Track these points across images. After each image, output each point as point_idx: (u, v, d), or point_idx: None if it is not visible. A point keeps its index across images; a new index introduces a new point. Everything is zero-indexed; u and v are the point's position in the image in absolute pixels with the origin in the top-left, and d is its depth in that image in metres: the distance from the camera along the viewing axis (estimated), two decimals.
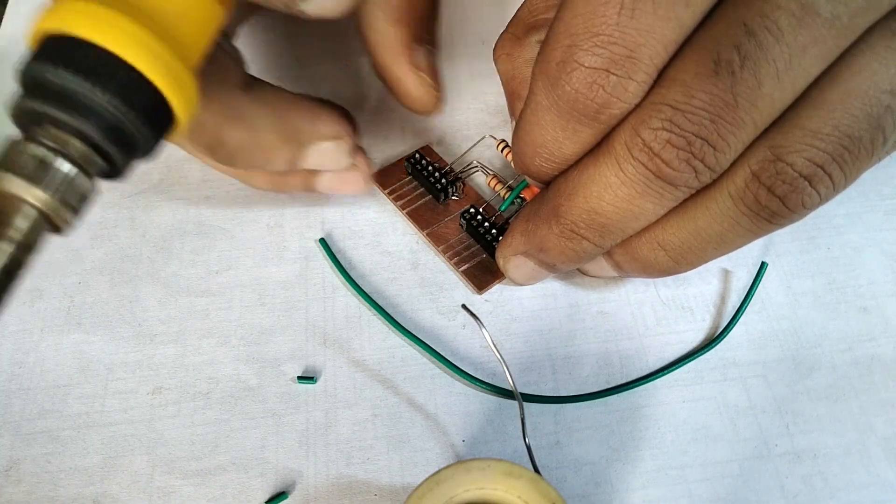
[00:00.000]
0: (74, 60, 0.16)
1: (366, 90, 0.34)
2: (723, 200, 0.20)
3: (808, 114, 0.19)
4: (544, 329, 0.28)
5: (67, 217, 0.17)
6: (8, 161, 0.16)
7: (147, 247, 0.30)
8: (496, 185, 0.29)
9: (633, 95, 0.19)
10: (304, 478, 0.25)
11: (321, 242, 0.29)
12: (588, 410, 0.26)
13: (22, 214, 0.16)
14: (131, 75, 0.17)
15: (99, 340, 0.27)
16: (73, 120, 0.16)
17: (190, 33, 0.19)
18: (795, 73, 0.18)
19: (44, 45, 0.17)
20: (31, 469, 0.25)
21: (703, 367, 0.27)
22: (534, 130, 0.22)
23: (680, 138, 0.19)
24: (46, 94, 0.16)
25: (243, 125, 0.24)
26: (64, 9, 0.17)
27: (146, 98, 0.17)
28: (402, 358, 0.27)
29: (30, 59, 0.17)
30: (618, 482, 0.24)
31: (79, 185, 0.17)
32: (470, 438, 0.25)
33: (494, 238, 0.28)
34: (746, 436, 0.25)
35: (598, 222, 0.22)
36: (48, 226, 0.17)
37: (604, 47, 0.18)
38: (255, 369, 0.27)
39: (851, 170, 0.19)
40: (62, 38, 0.17)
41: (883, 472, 0.25)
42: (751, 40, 0.18)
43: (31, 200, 0.16)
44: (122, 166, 0.18)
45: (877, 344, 0.27)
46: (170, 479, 0.25)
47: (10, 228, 0.16)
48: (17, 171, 0.16)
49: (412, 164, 0.30)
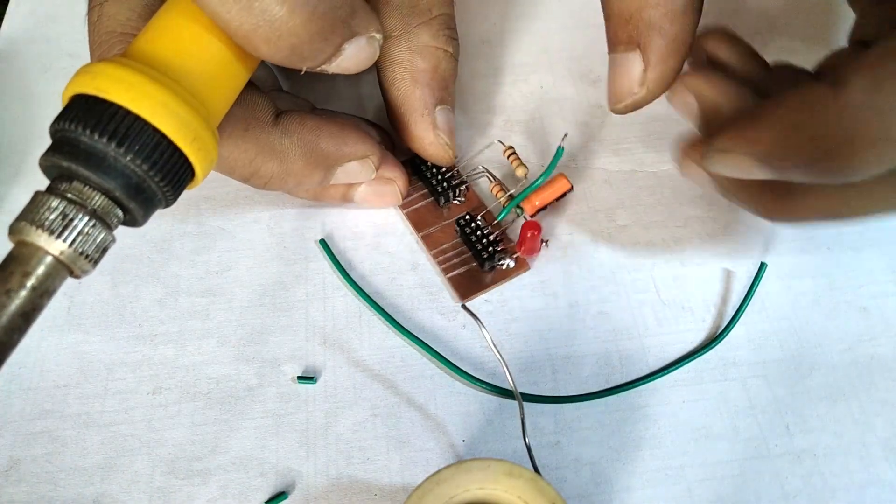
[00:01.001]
0: (105, 123, 0.17)
1: (370, 88, 0.34)
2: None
3: None
4: (544, 329, 0.28)
5: (86, 267, 0.17)
6: (33, 213, 0.17)
7: (147, 247, 0.30)
8: (498, 193, 0.29)
9: None
10: (304, 478, 0.25)
11: (321, 243, 0.29)
12: (588, 410, 0.26)
13: (44, 264, 0.17)
14: (158, 140, 0.18)
15: (99, 340, 0.27)
16: (99, 178, 0.17)
17: (215, 94, 0.20)
18: None
19: (76, 104, 0.18)
20: (31, 469, 0.25)
21: (703, 367, 0.27)
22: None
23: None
24: (76, 153, 0.17)
25: (275, 158, 0.25)
26: (98, 72, 0.18)
27: (170, 161, 0.18)
28: (402, 358, 0.27)
29: (62, 116, 0.18)
30: (618, 482, 0.24)
31: (99, 238, 0.18)
32: (470, 438, 0.25)
33: (484, 248, 0.28)
34: (746, 436, 0.25)
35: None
36: (67, 273, 0.17)
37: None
38: (255, 369, 0.27)
39: None
40: (95, 100, 0.18)
41: (883, 472, 0.25)
42: None
43: (52, 252, 0.17)
44: (142, 219, 0.19)
45: (877, 344, 0.27)
46: (170, 479, 0.25)
47: (31, 277, 0.17)
48: (41, 224, 0.17)
49: (416, 165, 0.30)
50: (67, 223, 0.17)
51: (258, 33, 0.19)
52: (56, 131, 0.18)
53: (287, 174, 0.26)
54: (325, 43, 0.21)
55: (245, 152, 0.24)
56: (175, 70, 0.19)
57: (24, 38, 0.36)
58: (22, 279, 0.16)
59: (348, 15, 0.21)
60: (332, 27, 0.20)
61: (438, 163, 0.29)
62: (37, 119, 0.33)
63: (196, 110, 0.19)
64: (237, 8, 0.19)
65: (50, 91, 0.34)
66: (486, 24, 0.36)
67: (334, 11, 0.20)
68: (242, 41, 0.20)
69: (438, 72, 0.27)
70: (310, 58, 0.21)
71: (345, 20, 0.21)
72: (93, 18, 0.23)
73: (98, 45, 0.23)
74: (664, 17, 0.22)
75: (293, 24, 0.19)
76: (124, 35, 0.23)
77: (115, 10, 0.23)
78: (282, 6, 0.19)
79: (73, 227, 0.17)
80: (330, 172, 0.27)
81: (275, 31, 0.19)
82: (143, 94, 0.18)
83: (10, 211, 0.30)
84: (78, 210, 0.17)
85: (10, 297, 0.16)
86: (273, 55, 0.20)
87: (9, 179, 0.31)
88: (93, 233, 0.17)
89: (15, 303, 0.16)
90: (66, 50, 0.36)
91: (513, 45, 0.36)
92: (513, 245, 0.29)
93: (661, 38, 0.22)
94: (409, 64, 0.27)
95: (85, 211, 0.17)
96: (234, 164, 0.25)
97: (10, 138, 0.32)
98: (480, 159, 0.31)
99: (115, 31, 0.23)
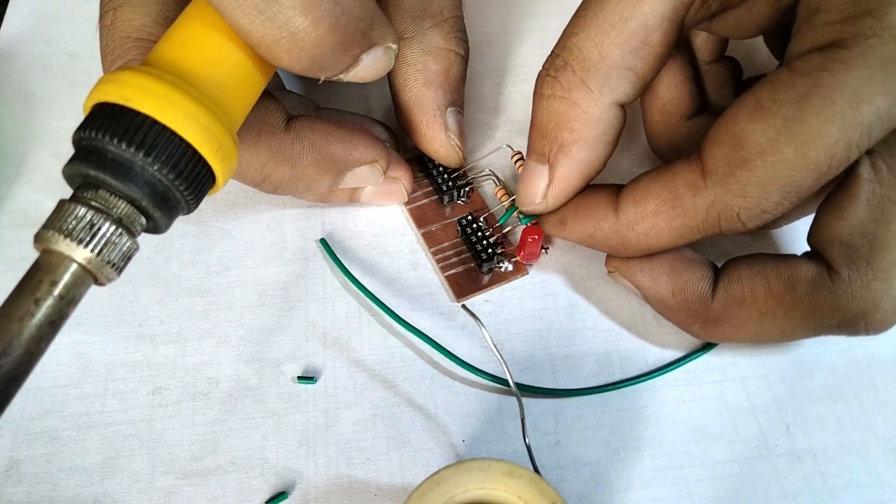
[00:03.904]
0: (133, 133, 0.17)
1: (376, 88, 0.34)
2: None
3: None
4: (544, 329, 0.28)
5: (111, 275, 0.18)
6: (59, 221, 0.17)
7: (147, 247, 0.30)
8: (502, 196, 0.29)
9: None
10: (304, 478, 0.25)
11: (322, 243, 0.29)
12: (588, 410, 0.26)
13: (70, 272, 0.17)
14: (184, 150, 0.18)
15: (99, 340, 0.27)
16: (125, 188, 0.18)
17: (236, 103, 0.20)
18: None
19: (101, 113, 0.18)
20: (31, 469, 0.25)
21: (703, 367, 0.27)
22: (658, 235, 0.23)
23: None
24: (102, 162, 0.17)
25: (286, 163, 0.25)
26: (124, 81, 0.18)
27: (195, 170, 0.19)
28: (402, 358, 0.27)
29: (87, 125, 0.18)
30: (618, 482, 0.24)
31: (123, 245, 0.18)
32: (470, 438, 0.25)
33: (484, 249, 0.28)
34: (746, 436, 0.25)
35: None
36: (92, 281, 0.17)
37: (789, 200, 0.20)
38: (255, 369, 0.27)
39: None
40: (121, 109, 0.18)
41: (883, 472, 0.25)
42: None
43: (78, 259, 0.17)
44: (165, 226, 0.19)
45: (877, 344, 0.27)
46: (170, 479, 0.25)
47: (58, 286, 0.17)
48: (67, 232, 0.17)
49: (423, 163, 0.30)
50: (94, 232, 0.17)
51: (280, 44, 0.19)
52: (81, 140, 0.18)
53: (298, 179, 0.26)
54: (345, 54, 0.21)
55: (257, 158, 0.24)
56: (197, 79, 0.19)
57: (24, 38, 0.36)
58: (50, 287, 0.16)
59: (367, 26, 0.21)
60: (353, 38, 0.21)
61: (448, 164, 0.29)
62: (37, 119, 0.33)
63: (220, 119, 0.19)
64: (260, 19, 0.19)
65: (50, 91, 0.34)
66: (486, 25, 0.36)
67: (355, 23, 0.20)
68: (264, 51, 0.20)
69: (450, 74, 0.27)
70: (329, 68, 0.21)
71: (364, 31, 0.21)
72: (106, 23, 0.23)
73: (112, 51, 0.23)
74: (574, 143, 0.24)
75: (315, 35, 0.19)
76: (139, 41, 0.23)
77: (129, 16, 0.23)
78: (304, 18, 0.19)
79: (99, 235, 0.17)
80: (340, 177, 0.27)
81: (297, 43, 0.19)
82: (170, 103, 0.18)
83: (10, 211, 0.30)
84: (104, 218, 0.17)
85: (38, 305, 0.16)
86: (293, 65, 0.20)
87: (9, 179, 0.31)
88: (118, 241, 0.17)
89: (43, 311, 0.16)
90: (67, 50, 0.36)
91: (513, 46, 0.36)
92: (513, 249, 0.29)
93: (569, 161, 0.24)
94: (421, 66, 0.27)
95: (110, 219, 0.17)
96: (245, 169, 0.25)
97: (10, 138, 0.32)
98: (488, 162, 0.31)
99: (129, 36, 0.23)
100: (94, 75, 0.21)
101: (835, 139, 0.19)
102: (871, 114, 0.19)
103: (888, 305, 0.21)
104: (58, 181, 0.19)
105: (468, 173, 0.30)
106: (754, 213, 0.21)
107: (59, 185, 0.19)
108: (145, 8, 0.23)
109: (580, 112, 0.23)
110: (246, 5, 0.19)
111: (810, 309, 0.22)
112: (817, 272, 0.22)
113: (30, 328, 0.16)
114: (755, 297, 0.23)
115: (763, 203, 0.20)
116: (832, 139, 0.19)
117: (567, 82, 0.23)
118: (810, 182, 0.20)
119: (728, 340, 0.24)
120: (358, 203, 0.30)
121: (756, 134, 0.20)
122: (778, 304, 0.22)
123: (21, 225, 0.30)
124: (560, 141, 0.24)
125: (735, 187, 0.20)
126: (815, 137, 0.19)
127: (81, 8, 0.37)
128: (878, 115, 0.19)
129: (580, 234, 0.25)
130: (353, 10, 0.20)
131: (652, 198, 0.22)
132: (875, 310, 0.21)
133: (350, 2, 0.20)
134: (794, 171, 0.19)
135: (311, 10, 0.19)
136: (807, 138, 0.19)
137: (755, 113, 0.20)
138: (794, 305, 0.22)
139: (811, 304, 0.22)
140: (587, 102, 0.23)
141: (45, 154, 0.32)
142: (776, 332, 0.23)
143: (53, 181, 0.31)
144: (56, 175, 0.31)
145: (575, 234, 0.25)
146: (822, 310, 0.22)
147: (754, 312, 0.23)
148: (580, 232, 0.25)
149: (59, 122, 0.33)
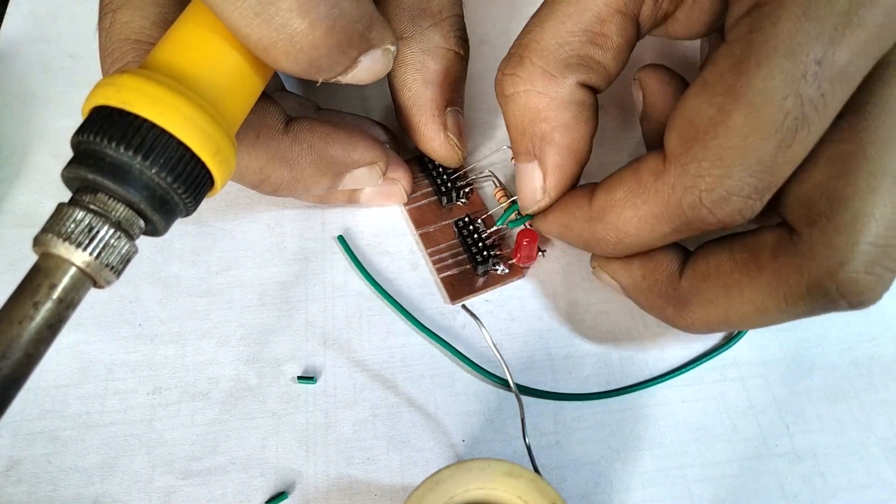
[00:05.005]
0: (131, 137, 0.17)
1: (376, 88, 0.34)
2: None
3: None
4: (544, 329, 0.28)
5: (110, 278, 0.18)
6: (58, 224, 0.17)
7: (147, 247, 0.30)
8: (501, 198, 0.29)
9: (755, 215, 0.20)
10: (304, 478, 0.25)
11: (339, 239, 0.29)
12: (588, 410, 0.26)
13: (68, 276, 0.17)
14: (182, 153, 0.18)
15: (99, 340, 0.27)
16: (124, 191, 0.18)
17: (234, 105, 0.20)
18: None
19: (99, 116, 0.18)
20: (31, 469, 0.25)
21: (703, 367, 0.27)
22: (626, 226, 0.22)
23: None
24: (101, 166, 0.17)
25: (285, 165, 0.25)
26: (123, 84, 0.18)
27: (193, 173, 0.19)
28: (401, 358, 0.27)
29: (85, 128, 0.18)
30: (618, 482, 0.24)
31: (122, 248, 0.18)
32: (470, 438, 0.25)
33: (479, 251, 0.28)
34: (746, 436, 0.25)
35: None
36: (91, 284, 0.17)
37: (756, 177, 0.19)
38: (255, 369, 0.27)
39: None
40: (119, 112, 0.18)
41: (883, 472, 0.25)
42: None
43: (77, 263, 0.17)
44: (163, 229, 0.19)
45: (877, 344, 0.27)
46: (170, 479, 0.25)
47: (57, 289, 0.17)
48: (65, 235, 0.17)
49: (423, 163, 0.30)
50: (93, 235, 0.17)
51: (278, 47, 0.19)
52: (79, 143, 0.18)
53: (297, 181, 0.26)
54: (343, 56, 0.21)
55: (256, 160, 0.24)
56: (196, 81, 0.19)
57: (24, 38, 0.36)
58: (49, 291, 0.17)
59: (366, 28, 0.21)
60: (350, 40, 0.21)
61: (447, 164, 0.29)
62: (37, 119, 0.33)
63: (218, 123, 0.19)
64: (257, 21, 0.19)
65: (50, 91, 0.34)
66: (486, 25, 0.36)
67: (353, 25, 0.20)
68: (262, 54, 0.20)
69: (449, 73, 0.27)
70: (327, 70, 0.21)
71: (362, 33, 0.21)
72: (105, 25, 0.23)
73: (110, 53, 0.23)
74: (554, 131, 0.24)
75: (313, 37, 0.19)
76: (138, 43, 0.23)
77: (128, 18, 0.23)
78: (302, 20, 0.19)
79: (97, 238, 0.17)
80: (339, 179, 0.27)
81: (294, 45, 0.19)
82: (168, 107, 0.18)
83: (10, 211, 0.30)
84: (102, 222, 0.17)
85: (37, 308, 0.16)
86: (291, 67, 0.20)
87: (9, 179, 0.31)
88: (117, 244, 0.17)
89: (42, 314, 0.16)
90: (67, 50, 0.35)
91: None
92: (510, 251, 0.29)
93: (555, 148, 0.24)
94: (420, 65, 0.27)
95: (109, 223, 0.17)
96: (244, 171, 0.25)
97: (10, 138, 0.32)
98: (488, 163, 0.31)
99: (128, 38, 0.23)
100: (94, 75, 0.21)
101: (782, 94, 0.18)
102: (811, 62, 0.18)
103: (857, 264, 0.19)
104: (58, 181, 0.19)
105: (468, 174, 0.30)
106: (718, 196, 0.20)
107: (58, 185, 0.19)
108: (144, 10, 0.23)
109: (549, 99, 0.23)
110: (243, 8, 0.19)
111: (775, 275, 0.21)
112: (779, 236, 0.21)
113: (29, 331, 0.16)
114: (720, 270, 0.22)
115: (725, 182, 0.19)
116: (780, 95, 0.18)
117: (527, 74, 0.23)
118: (771, 148, 0.19)
119: (704, 325, 0.23)
120: (357, 204, 0.30)
121: (703, 108, 0.19)
122: (743, 275, 0.22)
123: (21, 225, 0.30)
124: (539, 133, 0.24)
125: (692, 166, 0.20)
126: (761, 96, 0.18)
127: (81, 8, 0.37)
128: (818, 62, 0.18)
129: (558, 225, 0.25)
130: (350, 12, 0.20)
131: (620, 185, 0.22)
132: (841, 268, 0.20)
133: (348, 4, 0.20)
134: (749, 137, 0.19)
135: (309, 13, 0.19)
136: (752, 99, 0.19)
137: (700, 89, 0.20)
138: (758, 273, 0.21)
139: (775, 269, 0.21)
140: (553, 88, 0.23)
141: (45, 154, 0.32)
142: (748, 307, 0.22)
143: (53, 181, 0.31)
144: (56, 175, 0.31)
145: (553, 225, 0.25)
146: (787, 274, 0.21)
147: (721, 285, 0.22)
148: (558, 223, 0.25)
149: (59, 122, 0.33)
